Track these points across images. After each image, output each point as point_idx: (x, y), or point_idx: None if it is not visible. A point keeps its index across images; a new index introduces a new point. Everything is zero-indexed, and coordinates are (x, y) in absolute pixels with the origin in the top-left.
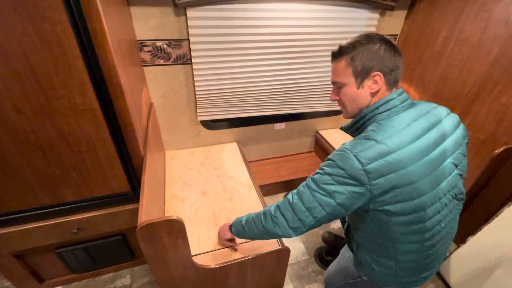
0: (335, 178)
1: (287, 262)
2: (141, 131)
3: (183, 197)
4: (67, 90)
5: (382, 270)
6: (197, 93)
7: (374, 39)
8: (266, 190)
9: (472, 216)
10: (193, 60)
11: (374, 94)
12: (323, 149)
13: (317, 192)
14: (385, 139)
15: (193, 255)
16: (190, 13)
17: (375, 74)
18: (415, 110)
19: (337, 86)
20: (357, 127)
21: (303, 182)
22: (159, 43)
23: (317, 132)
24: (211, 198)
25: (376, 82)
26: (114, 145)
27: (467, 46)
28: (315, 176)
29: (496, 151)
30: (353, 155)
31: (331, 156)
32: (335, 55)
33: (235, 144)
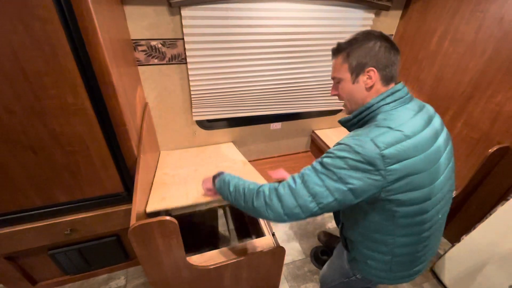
0: (349, 162)
1: (283, 261)
2: (135, 131)
3: (173, 174)
4: (58, 90)
5: (377, 266)
6: (192, 93)
7: (371, 36)
8: None
9: (466, 215)
10: (188, 60)
11: (369, 89)
12: (319, 148)
13: (326, 176)
14: (399, 125)
15: (186, 255)
16: (185, 12)
17: (369, 69)
18: (416, 103)
19: (336, 81)
20: (359, 119)
21: (307, 166)
22: (153, 43)
23: (313, 131)
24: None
25: (370, 77)
26: (107, 145)
27: (462, 45)
28: (325, 160)
29: (490, 150)
30: (370, 139)
31: (343, 141)
32: (333, 51)
33: (231, 144)
